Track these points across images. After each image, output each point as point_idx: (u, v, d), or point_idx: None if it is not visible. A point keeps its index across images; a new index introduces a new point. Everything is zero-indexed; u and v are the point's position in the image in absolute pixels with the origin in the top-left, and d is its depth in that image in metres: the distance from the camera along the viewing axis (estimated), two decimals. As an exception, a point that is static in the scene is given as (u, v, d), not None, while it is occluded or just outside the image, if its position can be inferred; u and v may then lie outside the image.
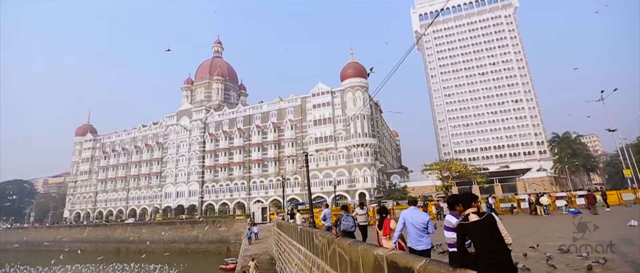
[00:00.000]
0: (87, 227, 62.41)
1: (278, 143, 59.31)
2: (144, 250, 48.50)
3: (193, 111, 69.01)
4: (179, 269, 34.34)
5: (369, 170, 52.04)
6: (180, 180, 65.62)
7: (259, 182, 59.16)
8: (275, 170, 58.08)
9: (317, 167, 54.17)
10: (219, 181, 62.32)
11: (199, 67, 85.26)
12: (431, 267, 3.12)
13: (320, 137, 55.46)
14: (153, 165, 70.71)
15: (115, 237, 55.16)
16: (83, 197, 79.05)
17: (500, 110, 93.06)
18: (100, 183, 76.75)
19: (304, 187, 54.92)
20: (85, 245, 55.95)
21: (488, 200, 22.45)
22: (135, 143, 75.38)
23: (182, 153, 67.05)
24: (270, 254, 21.96)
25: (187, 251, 46.93)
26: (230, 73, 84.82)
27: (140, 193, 71.41)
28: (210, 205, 62.09)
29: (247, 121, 63.35)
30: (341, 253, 6.30)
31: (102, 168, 77.45)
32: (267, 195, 57.61)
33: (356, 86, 54.96)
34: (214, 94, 78.01)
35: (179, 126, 69.13)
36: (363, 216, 9.25)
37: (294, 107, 60.34)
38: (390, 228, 5.69)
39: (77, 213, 77.90)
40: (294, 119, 59.44)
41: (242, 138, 62.14)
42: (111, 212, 73.44)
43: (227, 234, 45.85)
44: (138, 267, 35.60)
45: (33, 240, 63.93)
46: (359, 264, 5.28)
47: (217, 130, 65.38)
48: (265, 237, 28.90)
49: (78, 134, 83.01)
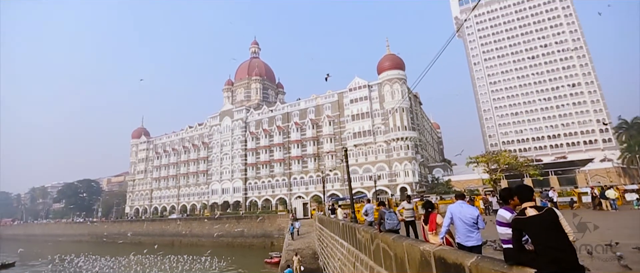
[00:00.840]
0: (145, 221, 67.87)
1: (316, 140, 59.85)
2: (194, 243, 51.73)
3: (234, 111, 71.89)
4: (227, 262, 36.15)
5: (410, 164, 50.69)
6: (225, 178, 68.84)
7: (299, 178, 60.21)
8: (315, 166, 58.72)
9: (356, 162, 53.89)
10: (261, 178, 64.42)
11: (238, 68, 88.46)
12: (484, 264, 2.96)
13: (358, 131, 55.04)
14: (200, 164, 74.93)
15: (170, 231, 59.36)
16: (140, 194, 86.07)
17: (555, 96, 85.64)
18: (154, 182, 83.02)
19: (344, 182, 54.94)
20: (144, 238, 60.96)
21: (547, 194, 20.77)
22: (183, 143, 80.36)
23: (226, 152, 70.22)
24: (313, 249, 22.31)
25: (233, 245, 49.22)
26: (267, 72, 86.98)
27: (189, 190, 76.14)
28: (253, 201, 64.48)
29: (286, 119, 64.64)
30: (385, 249, 6.22)
31: (155, 167, 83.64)
32: (307, 191, 58.51)
33: (394, 78, 53.66)
34: (253, 93, 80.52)
35: (221, 126, 72.48)
36: (410, 211, 8.77)
37: (331, 103, 60.45)
38: (437, 223, 5.49)
39: (137, 209, 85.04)
40: (331, 115, 59.57)
41: (282, 136, 63.57)
42: (165, 207, 79.17)
43: (270, 229, 47.32)
44: (191, 259, 38.07)
45: (101, 232, 70.95)
46: (404, 259, 5.18)
47: (257, 129, 67.54)
48: (307, 233, 29.40)
49: (134, 136, 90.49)
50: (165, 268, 34.20)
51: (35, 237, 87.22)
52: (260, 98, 79.71)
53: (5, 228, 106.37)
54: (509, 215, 3.36)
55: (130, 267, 36.69)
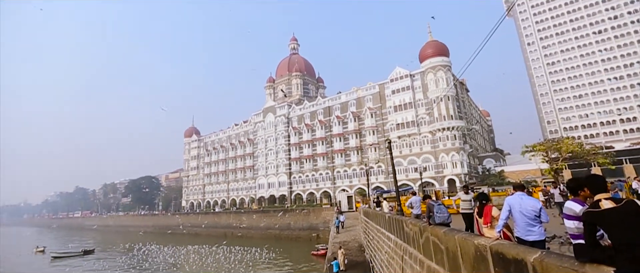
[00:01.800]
0: (199, 214, 72.79)
1: (359, 133, 59.38)
2: (245, 235, 54.36)
3: (276, 107, 73.78)
4: (276, 253, 37.54)
5: (458, 154, 48.30)
6: (271, 172, 71.19)
7: (343, 172, 60.31)
8: (358, 159, 58.38)
9: (400, 153, 52.61)
10: (305, 172, 65.59)
11: (278, 65, 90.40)
12: (550, 260, 2.73)
13: (401, 123, 53.58)
14: (246, 160, 78.27)
15: (222, 223, 63.01)
16: (194, 189, 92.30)
17: (628, 74, 75.80)
18: (206, 177, 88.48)
19: (388, 174, 53.99)
20: (199, 229, 65.43)
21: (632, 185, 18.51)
22: (230, 140, 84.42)
23: (270, 148, 72.49)
24: (359, 242, 22.30)
25: (281, 237, 50.89)
26: (307, 68, 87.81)
27: (237, 185, 80.00)
28: (298, 194, 65.97)
29: (327, 113, 64.90)
30: (436, 242, 6.02)
31: (206, 164, 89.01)
32: (351, 184, 58.46)
33: (437, 66, 51.23)
34: (294, 89, 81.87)
35: (265, 122, 74.88)
36: (467, 202, 8.10)
37: (372, 95, 59.47)
38: (492, 216, 5.16)
39: (191, 203, 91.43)
40: (373, 107, 58.63)
41: (324, 130, 64.01)
42: (216, 201, 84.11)
43: (315, 222, 48.14)
44: (242, 250, 40.12)
45: (163, 224, 77.48)
46: (456, 254, 4.97)
47: (299, 124, 68.70)
48: (352, 226, 29.41)
49: (186, 135, 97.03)
50: (219, 258, 36.41)
51: (108, 227, 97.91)
52: (301, 93, 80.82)
53: (85, 219, 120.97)
54: (579, 208, 3.05)
55: (189, 256, 39.66)
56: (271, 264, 32.73)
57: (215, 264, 33.09)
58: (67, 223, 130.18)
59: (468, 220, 7.83)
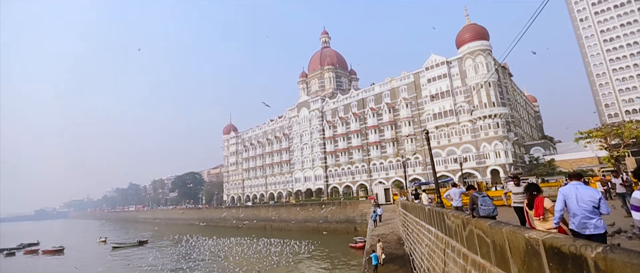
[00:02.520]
0: (240, 208, 75.75)
1: (394, 124, 58.14)
2: (283, 227, 55.77)
3: (310, 102, 74.28)
4: (314, 245, 38.14)
5: (501, 143, 45.62)
6: (307, 166, 72.11)
7: (379, 164, 59.54)
8: (394, 151, 57.28)
9: (438, 144, 50.81)
10: (341, 165, 65.64)
11: (310, 59, 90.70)
12: (616, 255, 2.48)
13: (438, 112, 51.59)
14: (282, 154, 79.90)
15: (261, 216, 65.10)
16: (234, 183, 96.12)
17: None
18: (245, 172, 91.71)
19: (426, 166, 52.47)
20: (240, 222, 68.16)
21: None
22: (266, 136, 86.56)
23: (305, 142, 73.33)
24: (398, 234, 21.98)
25: (319, 229, 51.54)
26: (339, 61, 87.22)
27: (275, 179, 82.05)
28: (334, 187, 66.28)
29: (361, 105, 64.19)
30: (480, 235, 5.75)
31: (245, 159, 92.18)
32: (387, 176, 57.60)
33: (476, 51, 48.47)
34: (327, 82, 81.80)
35: (299, 117, 75.78)
36: (520, 195, 7.45)
37: (407, 85, 57.79)
38: (545, 208, 4.81)
39: (232, 197, 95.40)
40: (408, 97, 57.01)
41: (358, 123, 63.45)
42: (255, 195, 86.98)
43: (352, 215, 48.13)
44: (281, 242, 41.24)
45: (206, 217, 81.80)
46: (504, 247, 4.71)
47: (333, 117, 68.68)
48: (390, 218, 29.04)
49: (225, 132, 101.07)
50: (260, 249, 37.74)
51: (158, 220, 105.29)
52: (334, 86, 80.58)
53: (138, 213, 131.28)
54: (649, 199, 2.75)
55: (231, 248, 41.55)
56: (311, 256, 33.32)
57: (257, 255, 34.35)
58: (123, 217, 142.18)
59: (521, 215, 7.13)
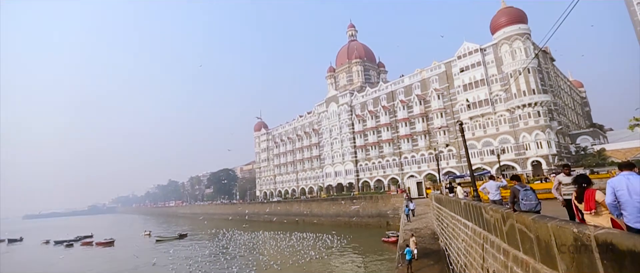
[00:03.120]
0: (272, 203, 77.52)
1: (425, 116, 56.56)
2: (315, 222, 56.39)
3: (338, 96, 74.06)
4: (347, 239, 38.26)
5: (543, 133, 42.91)
6: (337, 161, 72.21)
7: (410, 157, 58.32)
8: (426, 144, 55.81)
9: (473, 135, 48.80)
10: (371, 159, 65.05)
11: (337, 54, 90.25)
12: (680, 252, 2.27)
13: (472, 102, 49.45)
14: (312, 150, 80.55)
15: (293, 211, 66.22)
16: (266, 179, 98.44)
17: None
18: (276, 168, 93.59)
19: (461, 158, 50.69)
20: (273, 217, 69.76)
21: None
22: (296, 132, 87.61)
23: (335, 137, 73.38)
24: (432, 229, 21.49)
25: (350, 224, 51.61)
26: (367, 53, 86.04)
27: (305, 175, 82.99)
28: (365, 182, 65.88)
29: (391, 98, 63.03)
30: (523, 230, 5.48)
31: (276, 155, 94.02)
32: (420, 170, 56.31)
33: (513, 35, 45.71)
34: (355, 76, 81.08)
35: (328, 112, 75.86)
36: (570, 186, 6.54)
37: (438, 75, 55.87)
38: (596, 201, 4.48)
39: (265, 193, 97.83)
40: (439, 88, 55.14)
41: (388, 116, 62.42)
42: (287, 191, 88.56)
43: (384, 209, 47.66)
44: (314, 236, 41.78)
45: (241, 212, 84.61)
46: (550, 243, 4.46)
47: (362, 111, 68.06)
48: (423, 213, 28.44)
49: (255, 129, 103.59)
50: (293, 244, 38.48)
51: (196, 215, 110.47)
52: (363, 80, 79.71)
53: (178, 208, 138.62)
54: None
55: (265, 241, 42.74)
56: (343, 251, 33.49)
57: (290, 249, 35.07)
58: (164, 211, 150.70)
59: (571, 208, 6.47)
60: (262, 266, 29.33)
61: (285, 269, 27.22)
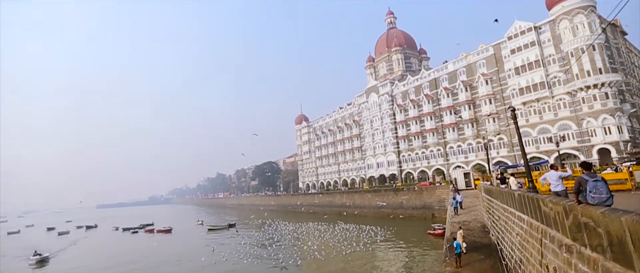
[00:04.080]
0: (314, 194, 78.78)
1: (472, 103, 53.44)
2: (358, 214, 56.37)
3: (379, 86, 72.57)
4: (390, 231, 37.80)
5: (612, 117, 38.43)
6: (379, 152, 71.20)
7: (456, 147, 55.68)
8: (473, 133, 52.85)
9: (527, 122, 45.21)
10: (414, 149, 63.19)
11: (376, 43, 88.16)
12: None
13: (526, 86, 45.66)
14: (353, 141, 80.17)
15: (336, 202, 66.75)
16: (308, 171, 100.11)
17: None
18: (317, 160, 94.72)
19: (513, 147, 47.40)
20: (316, 208, 70.98)
21: None
22: (336, 124, 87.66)
23: (376, 128, 72.26)
24: (481, 222, 20.43)
25: (394, 216, 50.86)
26: (407, 41, 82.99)
27: (347, 166, 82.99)
28: (409, 173, 64.27)
29: (434, 85, 60.39)
30: (589, 224, 4.98)
31: (317, 148, 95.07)
32: (467, 160, 53.58)
33: (574, 9, 41.10)
34: (395, 65, 78.75)
35: (368, 103, 74.77)
36: None
37: (485, 59, 52.30)
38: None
39: (307, 184, 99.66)
40: (487, 72, 51.64)
41: (431, 104, 59.97)
42: (329, 182, 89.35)
43: (429, 201, 46.25)
44: (357, 228, 41.84)
45: (284, 203, 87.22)
46: (624, 240, 4.00)
47: (404, 101, 66.10)
48: (472, 205, 27.12)
49: (296, 122, 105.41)
50: (336, 235, 38.88)
51: (242, 206, 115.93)
52: (403, 68, 77.19)
53: (226, 199, 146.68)
54: None
55: (309, 232, 43.66)
56: (387, 242, 33.16)
57: (333, 240, 35.49)
58: (214, 202, 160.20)
59: None
60: (306, 255, 30.07)
61: (329, 259, 27.65)
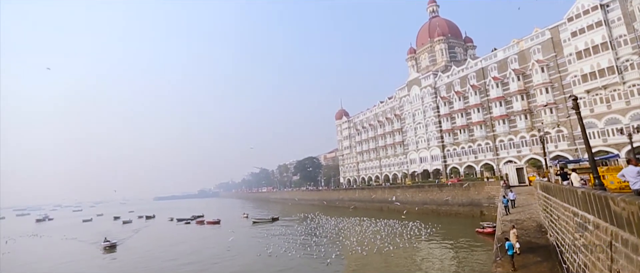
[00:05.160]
0: (355, 189, 78.54)
1: (525, 93, 49.43)
2: (400, 209, 55.19)
3: (421, 79, 69.93)
4: (435, 228, 36.52)
5: (700, 104, 33.31)
6: (421, 147, 68.86)
7: (507, 141, 51.99)
8: (527, 125, 48.93)
9: (591, 112, 40.82)
10: (460, 144, 60.16)
11: (418, 33, 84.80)
12: None
13: (590, 72, 41.12)
14: (395, 136, 78.29)
15: (377, 198, 65.97)
16: (349, 166, 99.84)
17: None
18: (358, 155, 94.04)
19: (574, 140, 43.26)
20: (357, 203, 70.74)
21: None
22: (377, 118, 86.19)
23: (419, 121, 69.86)
24: (537, 221, 18.95)
25: (438, 212, 49.07)
26: (451, 29, 78.78)
27: (388, 161, 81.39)
28: (454, 168, 61.40)
29: (481, 75, 56.80)
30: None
31: (357, 143, 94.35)
32: (519, 154, 49.83)
33: (652, -18, 36.06)
34: (438, 55, 75.25)
35: (410, 96, 72.43)
36: None
37: (540, 44, 47.93)
38: None
39: (348, 180, 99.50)
40: (543, 59, 47.32)
41: (479, 96, 56.52)
42: (370, 177, 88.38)
43: (477, 197, 43.94)
44: (399, 223, 41.01)
45: (326, 198, 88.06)
46: None
47: (448, 93, 63.03)
48: (526, 203, 25.27)
49: (337, 118, 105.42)
50: (378, 230, 38.45)
51: (285, 200, 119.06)
52: (447, 59, 73.50)
53: (269, 193, 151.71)
54: None
55: (351, 227, 43.62)
56: (431, 239, 32.11)
57: (375, 235, 35.11)
58: (258, 197, 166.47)
59: None
60: (347, 250, 30.14)
61: (371, 255, 27.44)
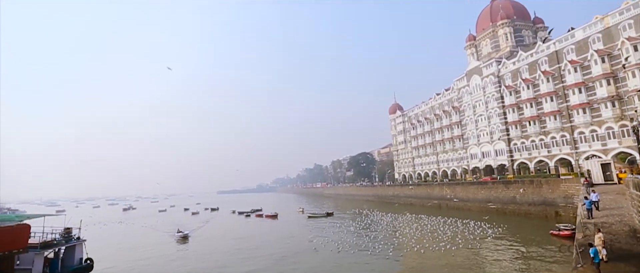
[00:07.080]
0: (411, 185, 76.00)
1: (611, 77, 42.96)
2: (460, 207, 52.13)
3: (482, 67, 64.79)
4: (502, 229, 33.85)
5: None
6: (484, 140, 64.03)
7: (588, 132, 45.81)
8: (615, 113, 42.51)
9: (701, 97, 34.11)
10: (529, 137, 54.60)
11: (478, 18, 78.66)
12: None
13: (701, 48, 34.29)
14: (454, 129, 73.86)
15: (434, 194, 63.14)
16: (404, 162, 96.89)
17: None
18: (414, 150, 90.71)
19: (677, 130, 36.52)
20: (413, 200, 68.49)
21: None
22: (433, 111, 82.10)
23: (480, 113, 65.00)
24: (630, 225, 16.48)
25: (504, 212, 45.43)
26: (517, 11, 71.57)
27: (447, 156, 77.15)
28: (522, 163, 56.01)
29: (554, 60, 50.71)
30: None
31: (413, 137, 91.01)
32: (605, 148, 43.57)
33: None
34: (502, 41, 68.93)
35: (470, 86, 67.63)
36: None
37: (632, 19, 41.09)
38: None
39: (403, 175, 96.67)
40: (636, 36, 40.62)
41: (552, 82, 50.60)
42: (427, 173, 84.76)
43: (551, 196, 39.71)
44: (460, 222, 38.79)
45: (380, 194, 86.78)
46: None
47: (514, 81, 57.50)
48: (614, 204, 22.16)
49: (390, 112, 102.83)
50: (436, 228, 36.81)
51: (339, 195, 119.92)
52: (513, 44, 66.98)
53: (323, 189, 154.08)
54: None
55: (408, 224, 42.38)
56: (498, 240, 29.84)
57: (433, 233, 33.66)
58: (312, 192, 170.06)
59: None
60: (403, 247, 29.38)
61: (429, 253, 26.39)
